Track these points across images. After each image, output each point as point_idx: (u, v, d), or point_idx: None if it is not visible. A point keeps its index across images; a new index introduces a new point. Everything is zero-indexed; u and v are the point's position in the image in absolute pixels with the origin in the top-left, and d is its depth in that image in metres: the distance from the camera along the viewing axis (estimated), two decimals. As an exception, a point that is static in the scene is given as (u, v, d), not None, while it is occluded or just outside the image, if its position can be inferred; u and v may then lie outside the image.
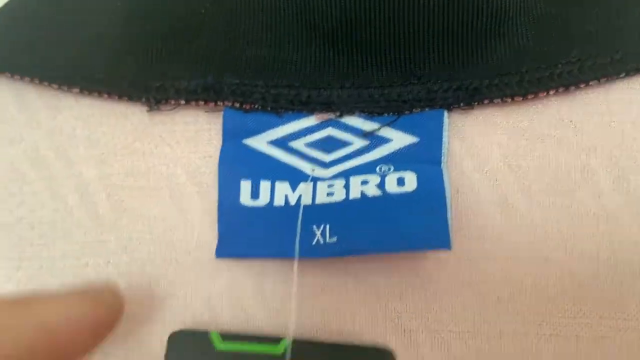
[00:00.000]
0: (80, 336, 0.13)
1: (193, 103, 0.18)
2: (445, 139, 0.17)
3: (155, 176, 0.18)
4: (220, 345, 0.15)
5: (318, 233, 0.16)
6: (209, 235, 0.18)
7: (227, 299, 0.17)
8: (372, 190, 0.16)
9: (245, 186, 0.17)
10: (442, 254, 0.17)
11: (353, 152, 0.18)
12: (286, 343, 0.15)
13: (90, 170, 0.18)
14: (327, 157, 0.18)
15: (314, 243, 0.16)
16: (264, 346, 0.15)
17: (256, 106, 0.18)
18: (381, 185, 0.16)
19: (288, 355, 0.15)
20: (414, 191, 0.16)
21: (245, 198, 0.17)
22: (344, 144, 0.18)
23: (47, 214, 0.18)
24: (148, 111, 0.19)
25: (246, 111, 0.18)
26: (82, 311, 0.13)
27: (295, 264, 0.16)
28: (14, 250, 0.18)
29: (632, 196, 0.17)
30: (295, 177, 0.17)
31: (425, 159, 0.17)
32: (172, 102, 0.18)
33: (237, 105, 0.18)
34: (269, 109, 0.18)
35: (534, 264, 0.17)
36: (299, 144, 0.18)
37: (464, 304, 0.16)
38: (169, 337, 0.16)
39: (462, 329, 0.16)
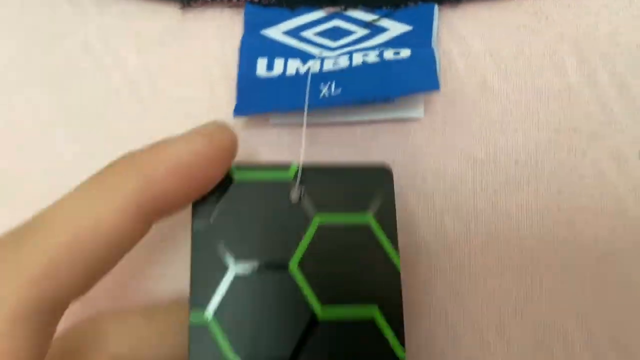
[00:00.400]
0: (210, 169, 0.16)
1: (219, 0, 0.21)
2: (435, 29, 0.20)
3: (188, 63, 0.22)
4: (238, 175, 0.17)
5: (324, 89, 0.19)
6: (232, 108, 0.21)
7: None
8: (372, 59, 0.19)
9: (262, 62, 0.20)
10: (432, 123, 0.20)
11: (356, 39, 0.21)
12: (295, 168, 0.17)
13: (134, 60, 0.22)
14: (333, 44, 0.21)
15: (320, 96, 0.19)
16: (275, 172, 0.17)
17: (272, 1, 0.21)
18: (380, 55, 0.19)
19: (298, 178, 0.17)
20: (408, 57, 0.19)
21: (261, 71, 0.20)
22: (348, 32, 0.21)
23: (99, 97, 0.22)
24: (181, 8, 0.22)
25: (264, 6, 0.21)
26: (209, 145, 0.16)
27: (305, 107, 0.18)
28: (71, 126, 0.22)
29: (591, 76, 0.20)
30: (305, 57, 0.20)
31: (418, 43, 0.20)
32: (201, 0, 0.21)
33: (257, 0, 0.21)
34: (284, 4, 0.21)
35: (504, 132, 0.20)
36: (309, 34, 0.21)
37: (445, 164, 0.20)
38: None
39: (443, 186, 0.20)
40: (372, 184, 0.17)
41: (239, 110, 0.20)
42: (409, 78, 0.18)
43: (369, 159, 0.20)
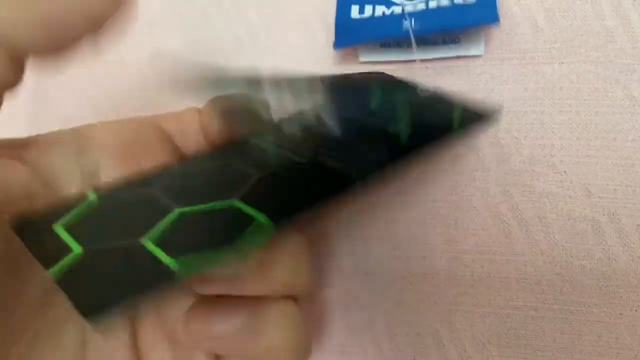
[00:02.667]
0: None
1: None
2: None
3: (293, 14, 0.28)
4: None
5: (406, 23, 0.25)
6: (329, 52, 0.27)
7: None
8: (444, 3, 0.25)
9: (355, 8, 0.26)
10: (493, 60, 0.25)
11: (431, -8, 0.26)
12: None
13: (253, 13, 0.28)
14: (412, -5, 0.26)
15: (403, 28, 0.24)
16: None
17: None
18: (452, 0, 0.25)
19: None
20: (473, 3, 0.24)
21: (354, 14, 0.26)
22: (425, -13, 0.26)
23: (228, 42, 0.28)
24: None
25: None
26: None
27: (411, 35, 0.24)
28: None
29: (625, 17, 0.24)
30: (389, 4, 0.26)
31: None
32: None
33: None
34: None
35: (552, 64, 0.24)
36: (392, -12, 0.26)
37: (506, 95, 0.25)
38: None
39: (500, 104, 0.25)
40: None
41: (338, 44, 0.25)
42: (474, 15, 0.24)
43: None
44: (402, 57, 0.25)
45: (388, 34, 0.24)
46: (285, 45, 0.28)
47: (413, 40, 0.24)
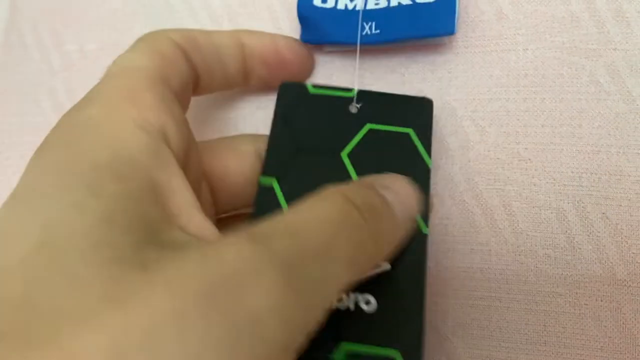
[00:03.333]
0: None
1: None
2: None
3: (258, 5, 0.27)
4: (312, 90, 0.23)
5: (367, 27, 0.24)
6: (291, 34, 0.26)
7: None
8: (405, 1, 0.24)
9: None
10: (458, 48, 0.24)
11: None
12: (355, 90, 0.23)
13: (217, 1, 0.27)
14: (376, -17, 0.26)
15: (364, 33, 0.24)
16: (340, 91, 0.23)
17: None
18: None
19: (355, 97, 0.22)
20: (435, 1, 0.24)
21: (317, 2, 0.25)
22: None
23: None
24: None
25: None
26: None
27: (358, 45, 0.24)
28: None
29: (590, 3, 0.24)
30: (353, -4, 0.25)
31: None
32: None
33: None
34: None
35: (516, 51, 0.24)
36: (356, -23, 0.26)
37: (471, 82, 0.24)
38: (280, 86, 0.23)
39: (465, 97, 0.24)
40: (415, 110, 0.22)
41: (305, 38, 0.25)
42: (432, 22, 0.23)
43: (408, 80, 0.25)
44: (367, 47, 0.25)
45: (350, 40, 0.24)
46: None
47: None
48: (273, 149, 0.22)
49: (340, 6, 0.25)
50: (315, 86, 0.23)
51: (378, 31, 0.24)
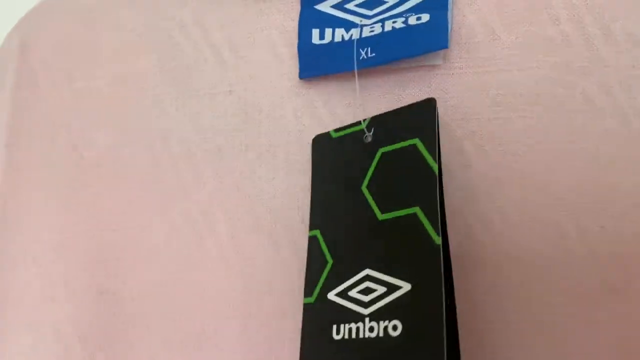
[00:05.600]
0: None
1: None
2: (450, -4, 0.26)
3: (258, 35, 0.28)
4: (334, 134, 0.25)
5: (363, 53, 0.25)
6: (293, 68, 0.27)
7: (307, 108, 0.27)
8: (399, 25, 0.25)
9: (315, 32, 0.26)
10: (453, 69, 0.25)
11: (388, 7, 0.26)
12: (364, 122, 0.24)
13: (217, 34, 0.28)
14: (371, 12, 0.26)
15: (360, 58, 0.25)
16: (354, 127, 0.24)
17: (324, -19, 0.27)
18: (405, 22, 0.25)
19: (365, 127, 0.24)
20: (427, 22, 0.24)
21: (315, 39, 0.26)
22: (382, 2, 0.26)
23: (190, 63, 0.28)
24: (252, -8, 0.28)
25: (317, -14, 0.27)
26: None
27: (355, 70, 0.25)
28: (173, 86, 0.28)
29: (580, 22, 0.24)
30: (348, 26, 0.26)
31: (437, 6, 0.25)
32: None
33: (311, -18, 0.27)
34: (333, -17, 0.27)
35: (510, 71, 0.25)
36: (351, 5, 0.27)
37: (467, 102, 0.25)
38: (313, 139, 0.25)
39: (460, 117, 0.25)
40: (419, 116, 0.22)
41: (303, 74, 0.26)
42: (425, 40, 0.24)
43: (405, 101, 0.26)
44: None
45: (347, 67, 0.25)
46: (249, 62, 0.28)
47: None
48: (313, 201, 0.24)
49: (337, 39, 0.26)
50: (336, 130, 0.25)
51: (374, 54, 0.25)
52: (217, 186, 0.27)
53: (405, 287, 0.20)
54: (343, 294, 0.22)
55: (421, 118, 0.22)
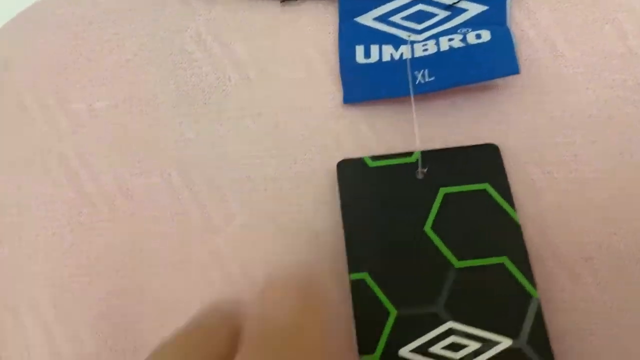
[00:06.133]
0: None
1: (314, -6, 0.25)
2: (508, 7, 0.23)
3: (289, 49, 0.25)
4: (372, 164, 0.22)
5: (419, 76, 0.22)
6: (333, 88, 0.24)
7: (349, 134, 0.24)
8: (457, 44, 0.22)
9: (359, 49, 0.23)
10: (513, 88, 0.23)
11: (439, 20, 0.24)
12: (418, 154, 0.21)
13: (241, 48, 0.25)
14: (419, 26, 0.24)
15: (417, 83, 0.22)
16: (402, 159, 0.21)
17: (364, -10, 0.24)
18: (464, 40, 0.22)
19: (420, 161, 0.21)
20: (489, 41, 0.22)
21: (360, 58, 0.23)
22: (432, 15, 0.24)
23: (212, 82, 0.25)
24: (281, 2, 0.25)
25: (356, -5, 0.24)
26: None
27: (412, 96, 0.22)
28: (192, 107, 0.25)
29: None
30: (396, 42, 0.23)
31: (495, 21, 0.23)
32: (298, -5, 0.25)
33: (350, -10, 0.24)
34: (374, -8, 0.24)
35: (577, 92, 0.23)
36: (396, 18, 0.24)
37: (531, 125, 0.23)
38: (337, 165, 0.22)
39: (528, 142, 0.23)
40: (484, 160, 0.21)
41: (348, 98, 0.23)
42: (492, 64, 0.21)
43: (463, 124, 0.23)
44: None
45: (400, 93, 0.22)
46: (281, 81, 0.25)
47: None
48: (352, 241, 0.20)
49: (386, 58, 0.23)
50: (373, 158, 0.21)
51: (433, 78, 0.22)
52: (247, 220, 0.23)
53: (505, 342, 0.17)
54: (422, 350, 0.18)
55: (487, 163, 0.21)
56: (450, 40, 0.23)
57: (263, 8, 0.25)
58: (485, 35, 0.22)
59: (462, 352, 0.18)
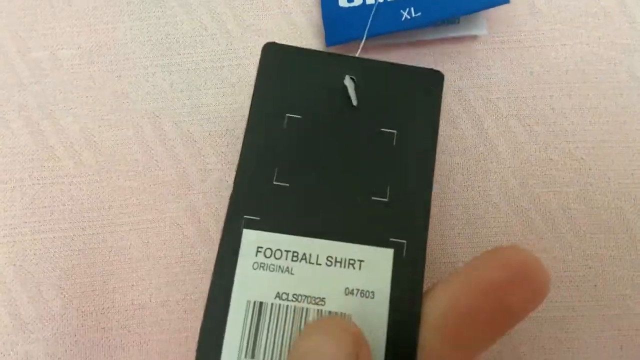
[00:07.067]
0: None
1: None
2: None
3: (268, 1, 0.24)
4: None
5: (405, 13, 0.22)
6: (314, 40, 0.23)
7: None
8: None
9: None
10: (493, 44, 0.23)
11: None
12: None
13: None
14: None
15: (402, 19, 0.21)
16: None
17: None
18: None
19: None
20: None
21: (343, 2, 0.23)
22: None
23: (186, 31, 0.24)
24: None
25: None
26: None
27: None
28: (166, 57, 0.23)
29: None
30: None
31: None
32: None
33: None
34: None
35: (554, 47, 0.23)
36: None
37: (511, 79, 0.23)
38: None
39: (506, 95, 0.23)
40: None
41: (330, 41, 0.22)
42: None
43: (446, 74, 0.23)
44: (400, 40, 0.23)
45: (385, 29, 0.21)
46: (258, 32, 0.24)
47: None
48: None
49: (370, 1, 0.22)
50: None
51: (419, 14, 0.21)
52: (226, 175, 0.22)
53: None
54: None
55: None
56: None
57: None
58: None
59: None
